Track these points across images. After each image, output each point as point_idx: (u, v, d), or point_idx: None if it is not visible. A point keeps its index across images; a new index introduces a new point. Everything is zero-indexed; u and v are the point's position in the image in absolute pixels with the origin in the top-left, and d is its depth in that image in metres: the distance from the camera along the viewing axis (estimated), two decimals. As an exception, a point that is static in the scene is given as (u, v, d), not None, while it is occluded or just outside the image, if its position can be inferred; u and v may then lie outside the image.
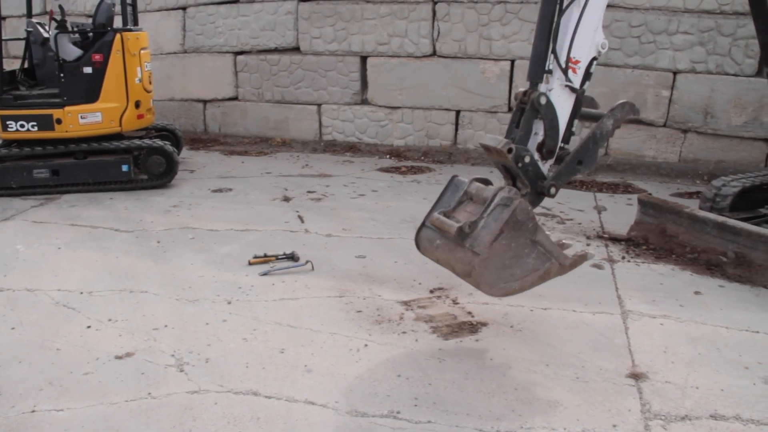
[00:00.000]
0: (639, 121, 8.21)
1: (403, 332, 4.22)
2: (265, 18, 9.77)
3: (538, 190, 3.83)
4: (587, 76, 3.87)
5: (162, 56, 10.57)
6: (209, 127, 10.66)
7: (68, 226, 6.44)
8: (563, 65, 3.74)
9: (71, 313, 4.59)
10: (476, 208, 3.75)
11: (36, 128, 7.43)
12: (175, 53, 10.51)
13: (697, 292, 4.79)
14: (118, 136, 7.79)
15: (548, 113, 3.79)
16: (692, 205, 6.00)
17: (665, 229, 5.63)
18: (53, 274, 5.26)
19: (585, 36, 3.77)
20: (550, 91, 3.79)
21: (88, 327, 4.37)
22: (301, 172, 8.52)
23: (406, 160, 9.15)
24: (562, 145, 3.91)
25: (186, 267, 5.39)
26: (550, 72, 3.78)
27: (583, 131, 4.62)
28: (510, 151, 3.68)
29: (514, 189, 3.69)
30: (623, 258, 5.48)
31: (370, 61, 9.40)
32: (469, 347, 4.00)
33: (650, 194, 6.61)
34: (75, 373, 3.81)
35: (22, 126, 7.41)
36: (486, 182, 3.93)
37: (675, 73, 8.02)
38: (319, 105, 9.85)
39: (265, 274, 5.20)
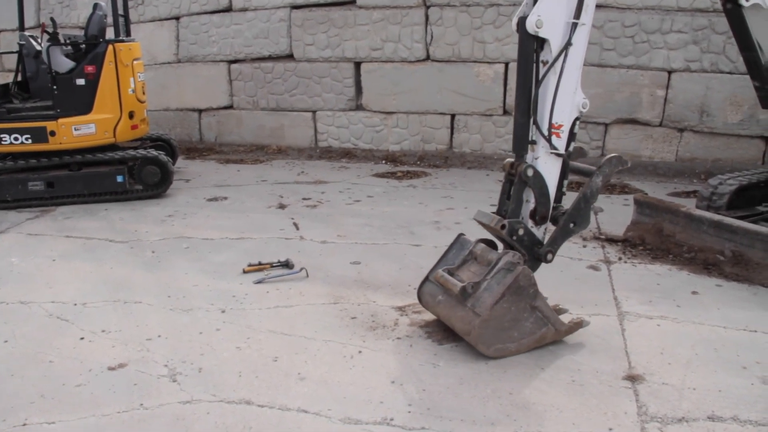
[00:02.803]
0: (635, 121, 8.19)
1: (398, 338, 4.19)
2: (258, 26, 9.77)
3: (535, 256, 3.94)
4: (572, 137, 3.90)
5: (156, 66, 10.57)
6: (205, 136, 10.65)
7: (63, 238, 6.42)
8: (546, 133, 3.79)
9: (65, 324, 4.55)
10: (480, 269, 3.98)
11: (30, 141, 7.42)
12: (169, 63, 10.51)
13: (694, 292, 4.76)
14: (112, 147, 7.78)
15: (537, 183, 3.86)
16: (689, 205, 5.98)
17: (662, 228, 5.60)
18: (47, 286, 5.23)
19: (565, 101, 3.80)
20: (536, 159, 3.85)
21: (82, 338, 4.34)
22: (296, 179, 8.50)
23: (401, 165, 9.13)
24: (555, 204, 3.97)
25: (180, 276, 5.36)
26: (534, 142, 3.81)
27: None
28: (503, 227, 3.81)
29: (518, 254, 3.83)
30: (620, 259, 5.45)
31: (363, 66, 9.39)
32: (464, 352, 3.96)
33: (646, 194, 6.58)
34: (67, 385, 3.78)
35: (16, 139, 7.40)
36: (491, 244, 4.16)
37: (670, 72, 8.00)
38: (314, 112, 9.84)
39: (259, 282, 5.17)
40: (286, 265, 5.43)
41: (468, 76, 8.84)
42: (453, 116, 9.13)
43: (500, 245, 4.25)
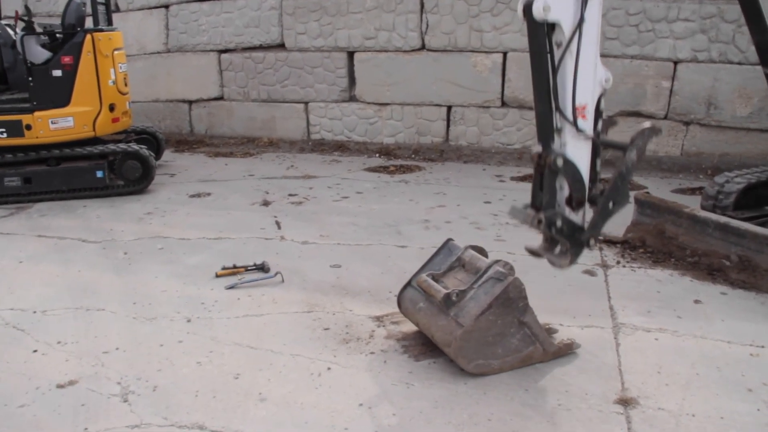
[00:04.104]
0: (639, 114, 7.80)
1: (372, 352, 3.86)
2: (248, 14, 9.42)
3: (577, 243, 3.58)
4: (598, 114, 3.53)
5: (146, 56, 10.25)
6: (195, 128, 10.33)
7: (35, 238, 6.12)
8: (571, 118, 3.40)
9: (20, 335, 4.26)
10: (467, 277, 3.73)
11: (5, 135, 7.13)
12: (158, 53, 10.18)
13: (696, 301, 4.40)
14: (93, 141, 7.47)
15: (568, 170, 3.48)
16: (694, 202, 5.61)
17: (664, 230, 5.24)
18: (9, 292, 4.94)
19: (586, 80, 3.42)
20: (564, 146, 3.46)
21: (35, 351, 4.04)
22: (285, 174, 8.17)
23: (395, 158, 8.78)
24: (591, 185, 3.62)
25: (149, 281, 5.05)
26: (560, 129, 3.45)
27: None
28: (540, 222, 3.47)
29: (510, 264, 3.62)
30: (618, 263, 5.10)
31: (357, 56, 9.03)
32: (441, 370, 3.63)
33: (648, 192, 6.20)
34: (10, 405, 3.48)
35: (-10, 133, 7.11)
36: (481, 251, 3.93)
37: (676, 63, 7.60)
38: (306, 103, 9.49)
39: (231, 287, 4.86)
40: (262, 268, 5.11)
41: (465, 66, 8.46)
42: (449, 108, 8.76)
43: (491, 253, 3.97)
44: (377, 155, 8.94)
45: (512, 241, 5.58)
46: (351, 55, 9.07)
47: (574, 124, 3.43)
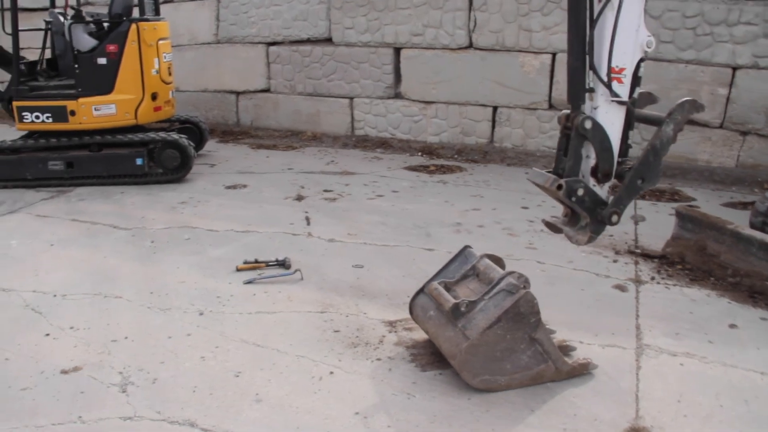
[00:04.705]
0: (692, 122, 7.40)
1: (378, 359, 3.73)
2: (297, 8, 9.38)
3: (598, 218, 3.37)
4: (636, 81, 3.29)
5: (196, 46, 10.35)
6: (242, 120, 10.38)
7: (69, 222, 6.23)
8: (605, 79, 3.19)
9: (36, 318, 4.31)
10: (480, 287, 3.59)
11: (50, 120, 7.29)
12: (208, 43, 10.26)
13: (732, 326, 4.09)
14: (136, 129, 7.56)
15: (596, 136, 3.25)
16: (745, 218, 5.26)
17: (705, 246, 4.92)
18: (34, 274, 5.02)
19: (626, 40, 3.19)
20: (595, 109, 3.25)
21: (47, 335, 4.08)
22: (323, 169, 8.10)
23: (438, 158, 8.59)
24: (620, 159, 3.38)
25: (170, 271, 5.05)
26: (592, 90, 3.23)
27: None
28: (560, 187, 3.25)
29: (525, 276, 3.43)
30: (652, 279, 4.81)
31: (403, 53, 8.88)
32: (446, 382, 3.47)
33: (690, 206, 5.85)
34: (13, 388, 3.52)
35: (37, 117, 7.29)
36: (498, 261, 3.77)
37: (734, 69, 7.16)
38: (351, 98, 9.40)
39: (249, 282, 4.80)
40: (283, 264, 5.04)
41: (512, 66, 8.21)
42: (495, 108, 8.52)
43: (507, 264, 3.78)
44: (420, 154, 8.77)
45: (544, 249, 5.36)
46: (397, 51, 8.93)
47: (609, 86, 3.20)
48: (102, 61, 7.19)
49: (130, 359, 3.79)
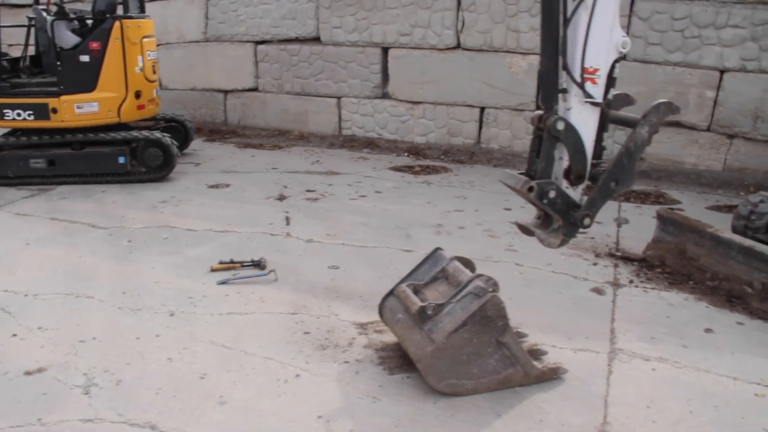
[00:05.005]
0: (679, 124, 7.35)
1: (346, 361, 3.67)
2: (286, 6, 9.33)
3: (571, 221, 3.31)
4: (611, 82, 3.23)
5: (185, 44, 10.29)
6: (229, 119, 10.32)
7: (48, 220, 6.16)
8: (579, 79, 3.13)
9: (5, 318, 4.25)
10: (449, 290, 3.54)
11: (32, 117, 7.22)
12: (197, 42, 10.20)
13: (708, 330, 4.05)
14: (120, 127, 7.50)
15: (570, 137, 3.20)
16: (728, 221, 5.21)
17: (685, 250, 4.88)
18: (8, 273, 4.97)
19: (600, 40, 3.13)
20: (568, 111, 3.19)
21: (14, 335, 4.02)
22: (308, 169, 8.04)
23: (424, 158, 8.54)
24: (594, 161, 3.32)
25: (145, 271, 4.99)
26: (565, 90, 3.17)
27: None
28: (531, 189, 3.19)
29: (493, 280, 3.40)
30: (631, 282, 4.76)
31: (391, 52, 8.83)
32: (413, 385, 3.42)
33: (673, 209, 5.80)
34: (-25, 389, 3.45)
35: (18, 114, 7.22)
36: (467, 263, 3.72)
37: (722, 72, 7.12)
38: (338, 98, 9.35)
39: (223, 282, 4.75)
40: (258, 265, 4.98)
41: (500, 67, 8.16)
42: (482, 109, 8.47)
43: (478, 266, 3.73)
44: (406, 154, 8.72)
45: (523, 252, 5.30)
46: (385, 51, 8.88)
47: (582, 87, 3.15)
48: (85, 58, 7.13)
49: (96, 360, 3.73)
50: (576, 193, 3.35)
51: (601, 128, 3.32)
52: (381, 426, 3.11)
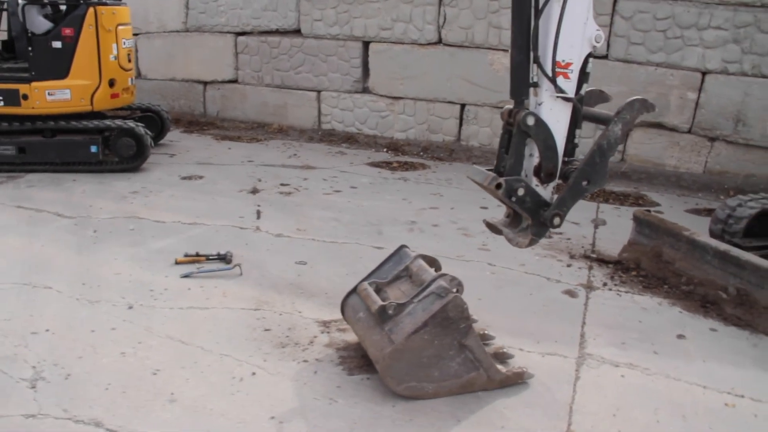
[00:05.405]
0: (661, 126, 7.28)
1: (305, 360, 3.55)
2: (267, -3, 9.18)
3: (540, 220, 3.19)
4: (584, 77, 3.12)
5: (165, 34, 10.10)
6: (208, 110, 10.14)
7: (13, 208, 5.99)
8: (550, 74, 3.01)
9: (-44, 307, 4.09)
10: (411, 290, 3.41)
11: (2, 103, 7.02)
12: (177, 32, 10.01)
13: (680, 336, 3.95)
14: (94, 116, 7.31)
15: (540, 133, 3.08)
16: (706, 225, 5.13)
17: (661, 253, 4.79)
18: (-36, 262, 4.80)
19: (573, 32, 3.02)
20: (539, 105, 3.07)
21: (-37, 326, 3.86)
22: (284, 162, 7.89)
23: (403, 154, 8.42)
24: (566, 159, 3.21)
25: (107, 262, 4.84)
26: (536, 84, 3.05)
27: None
28: (499, 186, 3.06)
29: (457, 280, 3.29)
30: (605, 285, 4.66)
31: (372, 47, 8.69)
32: (372, 387, 3.30)
33: (650, 211, 5.72)
34: None
35: (-12, 100, 7.02)
36: (432, 262, 3.62)
37: (704, 74, 7.05)
38: (318, 92, 9.20)
39: (186, 276, 4.60)
40: (224, 259, 4.84)
41: (481, 64, 8.05)
42: (463, 106, 8.36)
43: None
44: (385, 150, 8.60)
45: (497, 251, 5.19)
46: (366, 45, 8.74)
47: (553, 81, 3.04)
48: (57, 44, 6.94)
49: (46, 353, 3.58)
50: (546, 192, 3.24)
51: (573, 125, 3.21)
52: (336, 428, 2.98)
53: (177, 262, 4.80)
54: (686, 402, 3.28)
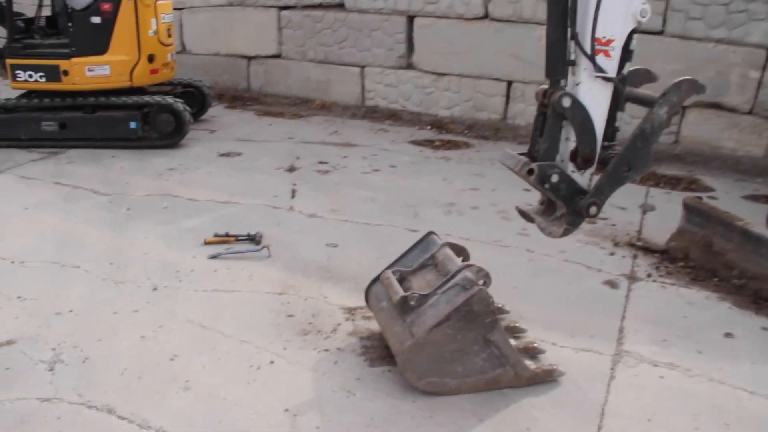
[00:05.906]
0: (719, 106, 6.84)
1: (326, 349, 3.43)
2: (310, -30, 8.99)
3: (575, 209, 2.97)
4: (627, 55, 2.87)
5: (209, 9, 10.03)
6: (252, 85, 10.06)
7: (51, 185, 6.03)
8: (589, 51, 2.77)
9: (-13, 285, 4.12)
10: (436, 280, 3.23)
11: (44, 79, 7.07)
12: (221, 6, 9.91)
13: (728, 335, 3.67)
14: (134, 91, 7.31)
15: (577, 115, 2.85)
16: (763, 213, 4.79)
17: (711, 243, 4.47)
18: (0, 238, 4.84)
19: (615, 6, 2.76)
20: (577, 86, 2.84)
21: (-8, 304, 3.88)
22: (325, 140, 7.75)
23: (447, 132, 8.17)
24: (606, 143, 2.98)
25: (137, 241, 4.81)
26: (573, 63, 2.82)
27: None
28: (531, 172, 2.86)
29: (484, 271, 3.13)
30: (649, 276, 4.38)
31: (417, 21, 8.42)
32: (393, 380, 3.16)
33: (701, 197, 5.36)
34: (-63, 361, 3.31)
35: (30, 76, 7.07)
36: (461, 251, 3.44)
37: (769, 50, 6.58)
38: (362, 67, 8.99)
39: (214, 257, 4.54)
40: (253, 239, 4.75)
41: (529, 40, 7.70)
42: (510, 83, 8.04)
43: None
44: (429, 128, 8.36)
45: (537, 237, 4.83)
46: (411, 19, 8.48)
47: (593, 60, 2.80)
48: (96, 20, 6.91)
49: (67, 335, 3.57)
50: (583, 179, 3.01)
51: (615, 107, 2.96)
52: (351, 424, 2.86)
53: (206, 243, 4.74)
54: (730, 408, 3.04)
